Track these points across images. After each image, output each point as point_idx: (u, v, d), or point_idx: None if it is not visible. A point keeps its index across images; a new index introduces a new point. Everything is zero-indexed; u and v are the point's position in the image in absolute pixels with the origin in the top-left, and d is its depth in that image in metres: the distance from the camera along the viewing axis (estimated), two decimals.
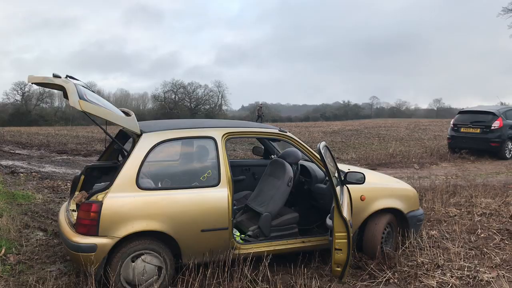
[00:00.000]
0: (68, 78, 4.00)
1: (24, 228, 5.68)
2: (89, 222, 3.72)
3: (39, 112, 53.33)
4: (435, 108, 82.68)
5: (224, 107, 67.06)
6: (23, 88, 54.53)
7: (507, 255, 4.99)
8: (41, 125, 39.65)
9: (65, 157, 13.53)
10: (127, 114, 4.30)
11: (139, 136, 4.09)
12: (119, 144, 4.44)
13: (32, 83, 3.88)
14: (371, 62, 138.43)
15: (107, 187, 3.83)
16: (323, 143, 4.11)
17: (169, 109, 59.57)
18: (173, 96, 64.63)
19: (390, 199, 4.92)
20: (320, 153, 3.86)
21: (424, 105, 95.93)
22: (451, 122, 14.65)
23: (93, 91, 4.38)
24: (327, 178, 4.35)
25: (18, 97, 55.89)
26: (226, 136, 4.38)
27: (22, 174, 9.79)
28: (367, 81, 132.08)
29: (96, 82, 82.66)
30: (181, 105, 63.27)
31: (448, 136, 14.69)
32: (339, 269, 3.86)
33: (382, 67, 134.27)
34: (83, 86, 4.09)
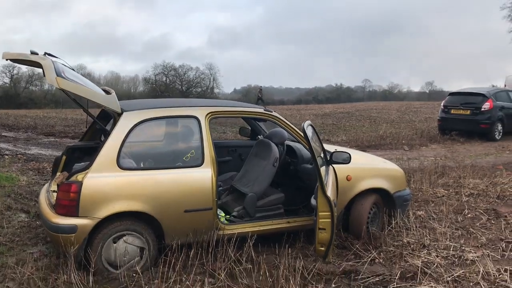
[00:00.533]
0: (46, 55, 3.88)
1: (6, 210, 5.60)
2: (69, 202, 3.65)
3: (28, 95, 52.52)
4: (427, 91, 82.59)
5: (216, 90, 66.52)
6: (11, 71, 53.57)
7: (493, 234, 4.99)
8: (31, 108, 39.21)
9: (52, 139, 13.38)
10: (107, 92, 4.19)
11: (119, 115, 3.99)
12: (100, 124, 4.34)
13: (6, 59, 3.76)
14: (364, 44, 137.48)
15: (87, 167, 3.75)
16: (307, 122, 4.04)
17: (160, 92, 59.09)
18: (164, 79, 64.09)
19: (376, 179, 4.89)
20: (304, 131, 3.79)
21: (416, 88, 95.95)
22: (442, 104, 14.63)
23: (73, 69, 4.27)
24: None
25: (7, 80, 55.00)
26: (210, 116, 4.29)
27: (7, 156, 9.65)
28: (360, 64, 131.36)
29: (86, 65, 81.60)
30: (172, 88, 62.72)
31: (438, 118, 14.67)
32: (323, 248, 3.83)
33: (375, 49, 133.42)
34: (62, 64, 3.98)
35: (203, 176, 4.06)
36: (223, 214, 4.54)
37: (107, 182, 3.74)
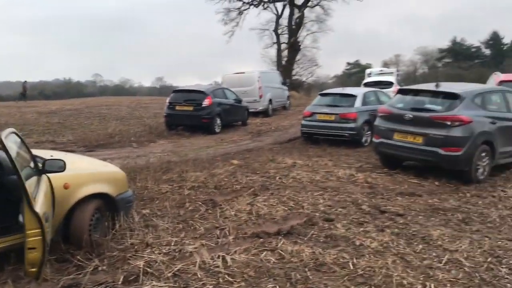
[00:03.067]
0: None
1: None
2: None
3: None
4: (158, 86, 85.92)
5: None
6: None
7: (210, 223, 5.46)
8: None
9: None
10: None
11: None
12: None
13: None
14: (93, 38, 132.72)
15: None
16: (7, 131, 3.60)
17: None
18: None
19: (97, 184, 4.74)
20: (2, 143, 3.35)
21: (147, 83, 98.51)
22: (167, 101, 15.36)
23: None
24: None
25: None
26: None
27: None
28: (90, 58, 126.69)
29: None
30: None
31: (164, 114, 15.35)
32: (34, 269, 3.49)
33: (105, 44, 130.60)
34: None
35: None
36: None
37: None
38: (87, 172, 4.81)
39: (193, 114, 14.60)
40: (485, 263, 4.41)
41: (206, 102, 14.62)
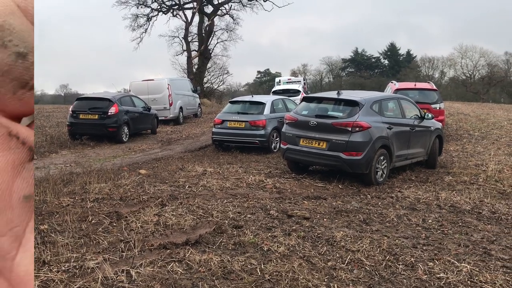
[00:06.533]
0: None
1: None
2: None
3: None
4: (63, 94, 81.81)
5: None
6: None
7: (114, 237, 5.22)
8: None
9: None
10: None
11: None
12: None
13: None
14: None
15: None
16: None
17: None
18: None
19: None
20: None
21: (51, 90, 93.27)
22: (70, 109, 14.60)
23: None
24: None
25: None
26: None
27: None
28: None
29: None
30: None
31: (67, 123, 14.59)
32: None
33: None
34: None
35: None
36: None
37: None
38: None
39: (99, 123, 14.01)
40: (383, 261, 4.65)
41: (112, 110, 14.09)
